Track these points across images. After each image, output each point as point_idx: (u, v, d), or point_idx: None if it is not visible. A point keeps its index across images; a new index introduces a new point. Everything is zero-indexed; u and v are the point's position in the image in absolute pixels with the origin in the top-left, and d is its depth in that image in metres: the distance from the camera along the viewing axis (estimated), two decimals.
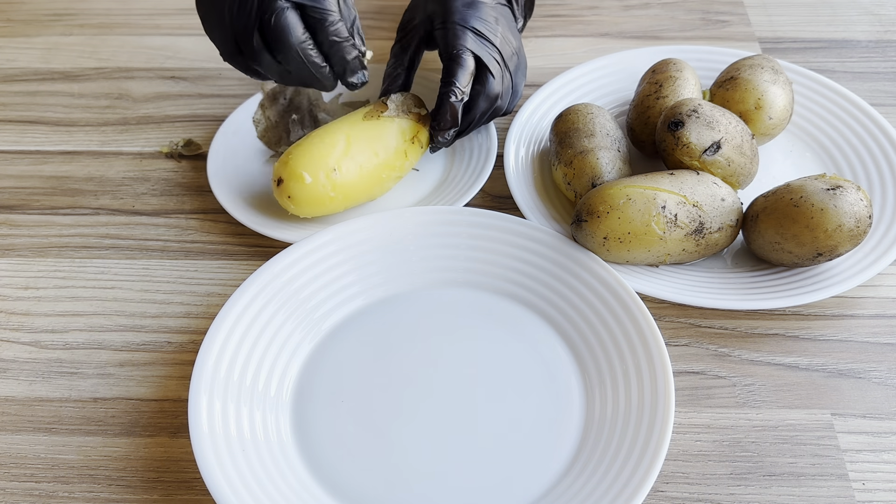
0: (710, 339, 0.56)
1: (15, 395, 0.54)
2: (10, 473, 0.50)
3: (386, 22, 0.81)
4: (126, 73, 0.77)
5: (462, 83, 0.59)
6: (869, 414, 0.51)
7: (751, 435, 0.51)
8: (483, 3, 0.61)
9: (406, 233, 0.58)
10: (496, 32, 0.60)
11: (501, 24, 0.61)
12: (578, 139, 0.60)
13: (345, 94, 0.71)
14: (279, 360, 0.54)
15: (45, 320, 0.58)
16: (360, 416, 0.51)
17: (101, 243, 0.63)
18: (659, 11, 0.82)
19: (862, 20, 0.80)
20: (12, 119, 0.73)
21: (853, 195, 0.52)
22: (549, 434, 0.50)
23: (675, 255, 0.56)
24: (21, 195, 0.67)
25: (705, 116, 0.56)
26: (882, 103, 0.70)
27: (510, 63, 0.61)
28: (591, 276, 0.55)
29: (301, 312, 0.55)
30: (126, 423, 0.53)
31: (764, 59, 0.63)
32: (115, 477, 0.50)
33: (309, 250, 0.57)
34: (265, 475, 0.48)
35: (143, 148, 0.70)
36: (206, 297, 0.59)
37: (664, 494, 0.48)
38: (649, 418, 0.48)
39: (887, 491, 0.48)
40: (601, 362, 0.52)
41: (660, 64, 0.64)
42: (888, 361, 0.54)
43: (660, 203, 0.54)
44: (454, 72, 0.59)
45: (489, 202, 0.65)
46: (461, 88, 0.59)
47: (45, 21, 0.83)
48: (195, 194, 0.66)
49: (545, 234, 0.57)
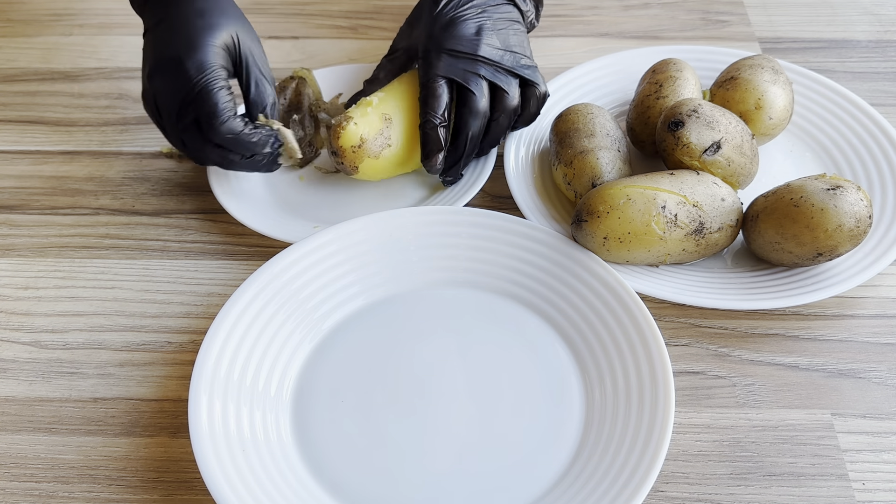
0: (710, 339, 0.56)
1: (15, 395, 0.54)
2: (10, 473, 0.50)
3: (385, 22, 0.81)
4: (126, 73, 0.77)
5: (435, 110, 0.59)
6: (869, 414, 0.51)
7: (751, 435, 0.51)
8: (460, 17, 0.61)
9: (406, 233, 0.58)
10: (479, 43, 0.60)
11: (486, 33, 0.60)
12: (578, 139, 0.60)
13: (345, 94, 0.71)
14: (279, 360, 0.54)
15: (45, 320, 0.58)
16: (360, 416, 0.51)
17: (101, 243, 0.63)
18: (659, 11, 0.82)
19: (862, 20, 0.80)
20: (12, 119, 0.73)
21: (853, 195, 0.52)
22: (549, 434, 0.50)
23: (675, 255, 0.56)
24: (21, 195, 0.67)
25: (705, 116, 0.56)
26: (882, 103, 0.70)
27: (506, 62, 0.60)
28: (591, 276, 0.55)
29: (301, 312, 0.55)
30: (126, 423, 0.53)
31: (764, 59, 0.63)
32: (115, 477, 0.50)
33: (309, 250, 0.57)
34: (265, 475, 0.48)
35: (143, 148, 0.70)
36: (206, 297, 0.59)
37: (664, 494, 0.48)
38: (649, 418, 0.48)
39: (887, 491, 0.48)
40: (601, 362, 0.52)
41: (660, 64, 0.64)
42: (888, 361, 0.54)
43: (660, 203, 0.54)
44: (426, 100, 0.60)
45: (489, 202, 0.65)
46: (435, 114, 0.59)
47: (45, 21, 0.83)
48: (195, 194, 0.66)
49: (545, 234, 0.57)
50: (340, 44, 0.80)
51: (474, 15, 0.61)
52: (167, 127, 0.59)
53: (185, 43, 0.57)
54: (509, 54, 0.61)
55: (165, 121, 0.58)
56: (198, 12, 0.58)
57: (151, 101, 0.58)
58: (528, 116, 0.63)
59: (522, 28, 0.64)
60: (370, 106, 0.61)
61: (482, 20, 0.61)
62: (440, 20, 0.61)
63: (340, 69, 0.74)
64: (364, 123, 0.60)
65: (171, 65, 0.56)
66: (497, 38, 0.61)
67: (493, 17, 0.62)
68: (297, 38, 0.80)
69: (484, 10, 0.62)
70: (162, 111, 0.58)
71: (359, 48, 0.79)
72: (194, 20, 0.57)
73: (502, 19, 0.62)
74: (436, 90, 0.59)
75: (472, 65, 0.60)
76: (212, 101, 0.56)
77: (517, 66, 0.61)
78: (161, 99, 0.57)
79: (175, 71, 0.56)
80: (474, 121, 0.60)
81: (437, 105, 0.59)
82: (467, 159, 0.62)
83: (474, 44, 0.60)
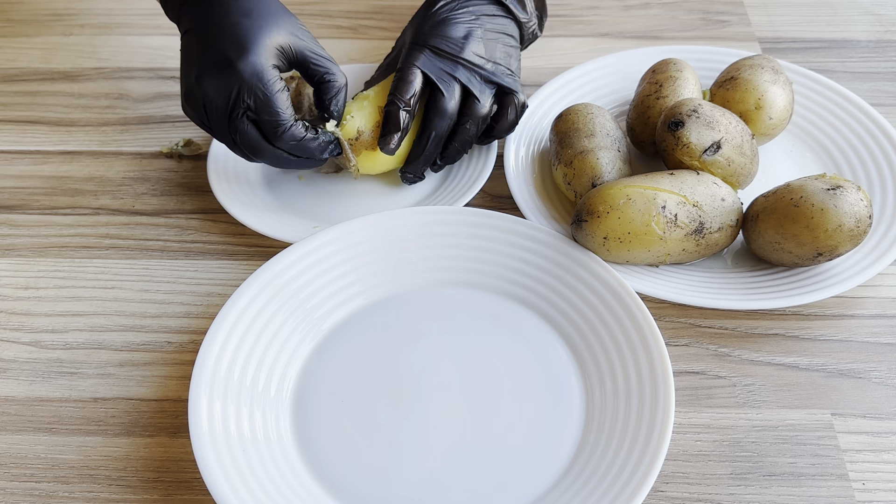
0: (710, 339, 0.56)
1: (15, 395, 0.54)
2: (10, 473, 0.50)
3: (385, 22, 0.81)
4: (126, 73, 0.77)
5: (402, 94, 0.59)
6: (869, 414, 0.51)
7: (751, 435, 0.51)
8: (452, 19, 0.61)
9: (406, 233, 0.58)
10: (463, 47, 0.60)
11: (473, 39, 0.61)
12: (578, 139, 0.60)
13: None
14: (279, 360, 0.54)
15: (45, 320, 0.58)
16: (359, 416, 0.51)
17: (101, 243, 0.63)
18: (659, 11, 0.82)
19: (862, 20, 0.80)
20: (12, 119, 0.73)
21: (853, 195, 0.52)
22: (549, 434, 0.50)
23: (675, 255, 0.56)
24: (21, 195, 0.67)
25: (705, 116, 0.56)
26: (882, 103, 0.70)
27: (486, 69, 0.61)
28: (591, 276, 0.55)
29: (301, 312, 0.55)
30: (126, 423, 0.53)
31: (764, 59, 0.63)
32: (115, 477, 0.50)
33: (309, 250, 0.57)
34: (265, 475, 0.48)
35: (143, 148, 0.70)
36: (206, 297, 0.59)
37: (664, 494, 0.48)
38: (649, 418, 0.48)
39: (887, 491, 0.48)
40: (601, 362, 0.52)
41: (660, 64, 0.64)
42: (888, 361, 0.54)
43: (660, 203, 0.54)
44: (395, 84, 0.60)
45: (489, 202, 0.65)
46: (401, 98, 0.59)
47: (45, 21, 0.83)
48: (195, 194, 0.66)
49: (545, 234, 0.57)
50: (340, 44, 0.80)
51: (467, 20, 0.61)
52: (216, 129, 0.57)
53: (237, 44, 0.55)
54: (491, 64, 0.61)
55: (215, 123, 0.56)
56: (244, 12, 0.56)
57: (199, 103, 0.56)
58: (506, 125, 0.63)
59: (513, 42, 0.64)
60: (367, 100, 0.62)
61: (473, 27, 0.61)
62: (433, 18, 0.61)
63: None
64: (361, 117, 0.61)
65: (223, 66, 0.55)
66: (483, 47, 0.61)
67: (484, 27, 0.62)
68: None
69: (478, 17, 0.62)
70: (211, 113, 0.56)
71: (359, 48, 0.79)
72: (242, 20, 0.56)
73: (494, 31, 0.62)
74: (407, 76, 0.59)
75: (450, 66, 0.60)
76: (273, 107, 0.55)
77: (496, 73, 0.61)
78: (212, 101, 0.55)
79: (228, 72, 0.54)
80: (440, 121, 0.60)
81: (404, 90, 0.59)
82: (428, 159, 0.62)
83: (459, 46, 0.60)
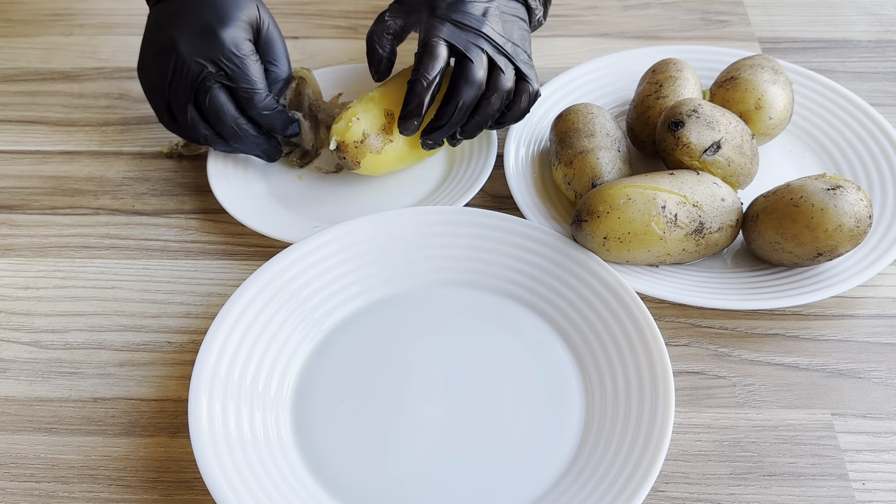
0: (710, 339, 0.56)
1: (15, 395, 0.54)
2: (10, 473, 0.50)
3: None
4: (126, 73, 0.77)
5: (428, 70, 0.57)
6: (869, 414, 0.51)
7: (751, 435, 0.51)
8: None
9: (406, 233, 0.58)
10: (484, 22, 0.59)
11: (492, 17, 0.60)
12: (578, 139, 0.60)
13: (345, 94, 0.71)
14: (279, 360, 0.54)
15: (45, 320, 0.58)
16: (360, 416, 0.51)
17: (101, 243, 0.63)
18: (659, 11, 0.82)
19: (862, 20, 0.80)
20: (12, 119, 0.73)
21: (853, 195, 0.52)
22: (548, 434, 0.50)
23: (675, 255, 0.56)
24: (21, 195, 0.67)
25: (705, 116, 0.56)
26: (882, 103, 0.70)
27: (507, 49, 0.59)
28: (591, 276, 0.55)
29: (301, 312, 0.55)
30: (126, 423, 0.53)
31: (764, 59, 0.63)
32: (115, 477, 0.50)
33: (309, 250, 0.57)
34: (265, 475, 0.48)
35: (143, 148, 0.70)
36: (206, 297, 0.59)
37: (664, 494, 0.48)
38: (649, 418, 0.48)
39: (887, 491, 0.48)
40: (601, 362, 0.52)
41: (660, 64, 0.64)
42: (888, 361, 0.54)
43: (660, 203, 0.54)
44: (420, 59, 0.58)
45: (489, 202, 0.65)
46: (427, 74, 0.57)
47: (45, 21, 0.83)
48: (195, 194, 0.66)
49: (545, 234, 0.57)
50: (340, 44, 0.80)
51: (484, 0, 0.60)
52: (178, 91, 0.59)
53: (218, 14, 0.58)
54: (510, 44, 0.60)
55: (179, 85, 0.58)
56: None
57: (168, 66, 0.58)
58: (518, 112, 0.61)
59: (527, 27, 0.63)
60: (372, 101, 0.61)
61: (490, 5, 0.60)
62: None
63: (340, 69, 0.74)
64: (366, 119, 0.61)
65: (205, 32, 0.58)
66: (502, 26, 0.60)
67: (501, 8, 0.61)
68: (297, 38, 0.80)
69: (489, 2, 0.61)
70: (179, 76, 0.58)
71: (359, 48, 0.79)
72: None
73: (510, 14, 0.62)
74: (434, 49, 0.57)
75: (475, 38, 0.58)
76: (252, 76, 0.58)
77: (516, 57, 0.60)
78: (184, 63, 0.58)
79: (210, 39, 0.57)
80: (469, 90, 0.58)
81: (432, 65, 0.57)
82: (452, 128, 0.60)
83: (479, 21, 0.59)
